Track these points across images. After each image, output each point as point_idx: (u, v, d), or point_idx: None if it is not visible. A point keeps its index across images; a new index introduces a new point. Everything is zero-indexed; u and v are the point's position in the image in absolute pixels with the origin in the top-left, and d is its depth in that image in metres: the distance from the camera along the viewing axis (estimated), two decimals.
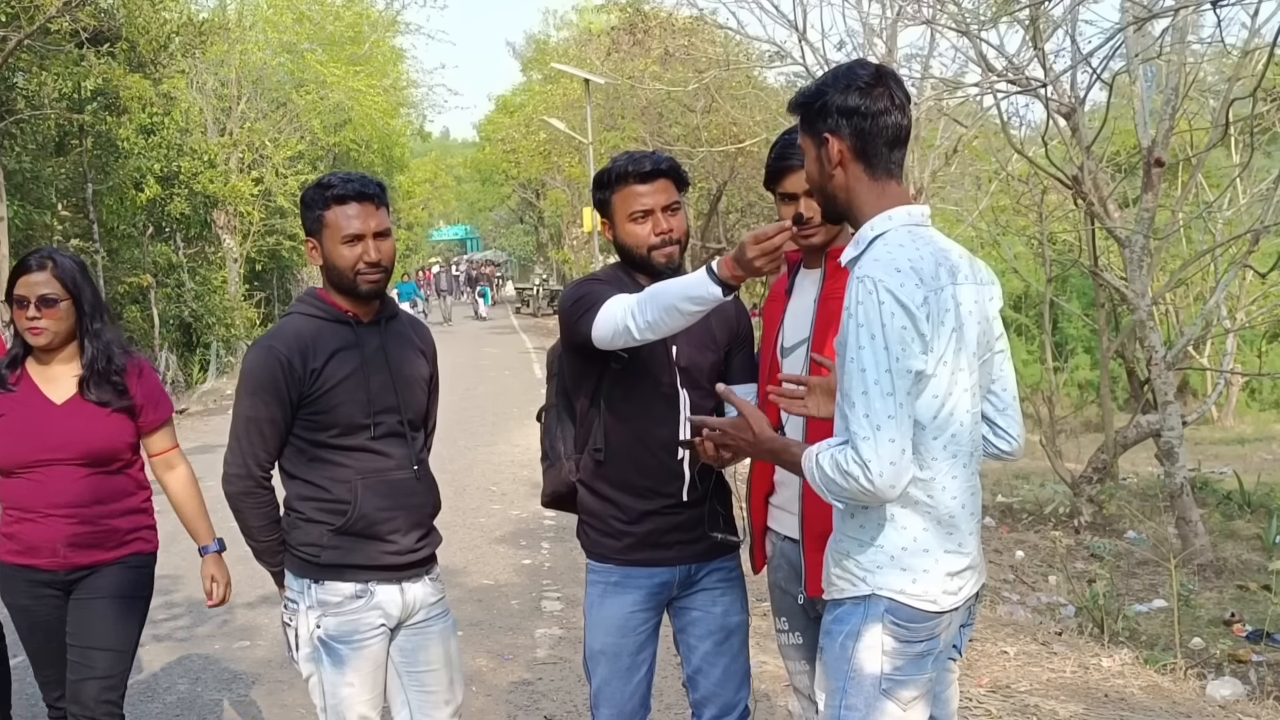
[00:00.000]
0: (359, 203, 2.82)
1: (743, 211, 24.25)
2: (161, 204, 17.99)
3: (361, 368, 2.87)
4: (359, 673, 2.86)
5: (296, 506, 2.89)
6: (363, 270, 2.82)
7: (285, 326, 2.89)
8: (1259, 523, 9.63)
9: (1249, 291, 15.71)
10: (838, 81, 2.24)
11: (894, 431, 2.06)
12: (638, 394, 2.89)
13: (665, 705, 4.51)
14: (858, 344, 2.10)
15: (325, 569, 2.85)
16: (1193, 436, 14.49)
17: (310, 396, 2.82)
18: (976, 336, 2.25)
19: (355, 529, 2.84)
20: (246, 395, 2.84)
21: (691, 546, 2.93)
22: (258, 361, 2.83)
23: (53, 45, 13.24)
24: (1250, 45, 9.63)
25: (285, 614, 2.95)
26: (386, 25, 30.73)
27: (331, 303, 2.90)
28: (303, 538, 2.87)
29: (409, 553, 2.92)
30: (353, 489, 2.85)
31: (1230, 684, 5.08)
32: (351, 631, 2.85)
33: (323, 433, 2.85)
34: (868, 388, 2.07)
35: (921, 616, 2.21)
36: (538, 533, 7.79)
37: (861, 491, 2.08)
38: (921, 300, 2.10)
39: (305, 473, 2.88)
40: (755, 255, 2.42)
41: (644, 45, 19.87)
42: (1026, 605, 6.89)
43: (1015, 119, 18.14)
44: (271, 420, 2.82)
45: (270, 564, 2.96)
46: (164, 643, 5.75)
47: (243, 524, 2.91)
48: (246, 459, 2.85)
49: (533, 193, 42.26)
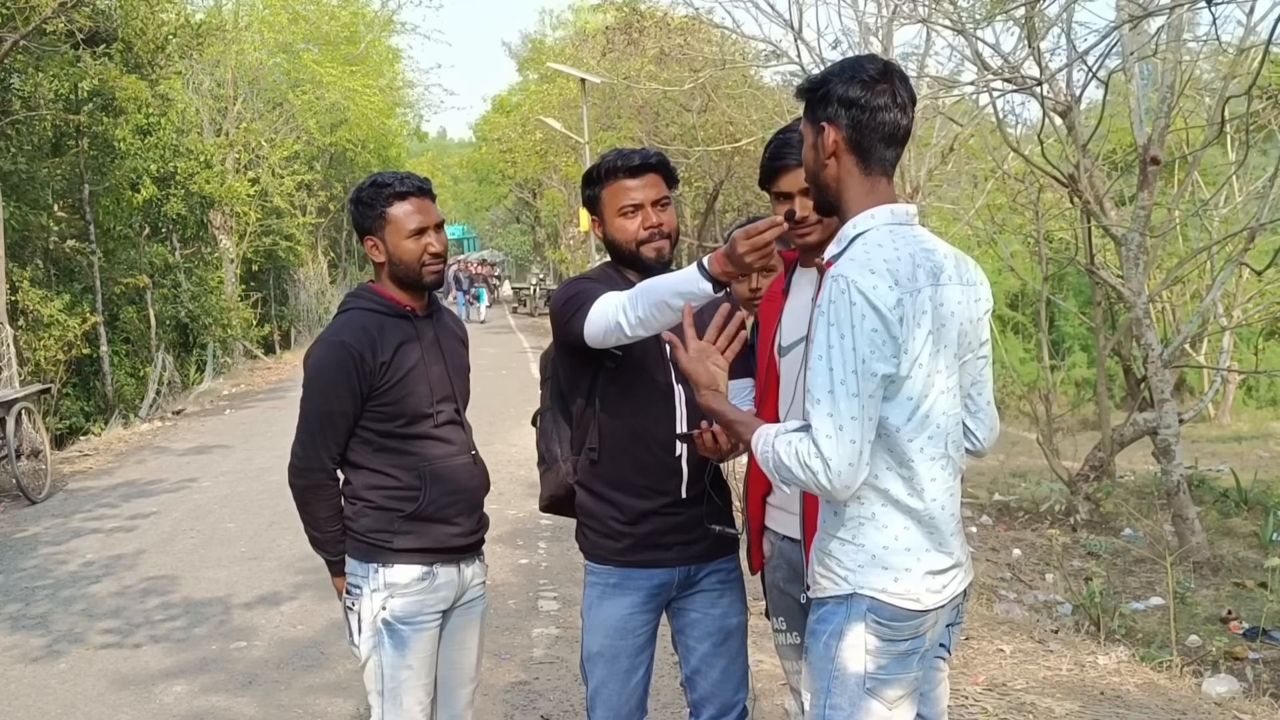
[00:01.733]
0: (419, 198, 2.96)
1: (739, 210, 24.26)
2: (158, 205, 17.96)
3: (422, 359, 2.99)
4: (418, 655, 2.96)
5: (364, 495, 2.97)
6: (428, 262, 2.95)
7: (351, 321, 2.96)
8: (1255, 520, 9.65)
9: (1245, 289, 15.74)
10: (843, 72, 2.25)
11: (856, 433, 2.08)
12: (633, 392, 2.89)
13: (662, 704, 4.51)
14: (827, 342, 2.11)
15: (395, 553, 2.94)
16: (1189, 434, 14.50)
17: (380, 389, 2.91)
18: (958, 337, 2.24)
19: (425, 514, 2.95)
20: (319, 390, 2.92)
21: (691, 548, 2.93)
22: (329, 356, 2.92)
23: (49, 46, 13.21)
24: (1246, 43, 9.63)
25: (348, 599, 3.01)
26: (382, 25, 30.71)
27: (389, 297, 3.01)
28: (371, 524, 2.95)
29: (471, 534, 3.07)
30: (421, 475, 2.95)
31: (1226, 681, 5.09)
32: (416, 613, 2.94)
33: (390, 423, 2.94)
34: (834, 386, 2.08)
35: (904, 615, 2.21)
36: (535, 533, 7.79)
37: (815, 486, 2.11)
38: (895, 302, 2.10)
39: (373, 462, 2.96)
40: (746, 250, 2.41)
41: (639, 45, 19.86)
42: (1023, 603, 6.90)
43: (1011, 117, 18.18)
44: (344, 414, 2.92)
45: (330, 554, 3.03)
46: (161, 643, 5.75)
47: (309, 516, 2.99)
48: (320, 452, 2.93)
49: (529, 192, 42.23)
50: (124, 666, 5.44)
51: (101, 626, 6.07)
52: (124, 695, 5.06)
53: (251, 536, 7.78)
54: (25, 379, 13.18)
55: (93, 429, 14.96)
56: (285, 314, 28.27)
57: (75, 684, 5.23)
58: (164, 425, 14.93)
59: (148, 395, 16.60)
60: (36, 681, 5.29)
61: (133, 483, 10.23)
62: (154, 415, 15.85)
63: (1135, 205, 8.88)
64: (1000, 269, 16.80)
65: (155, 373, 16.89)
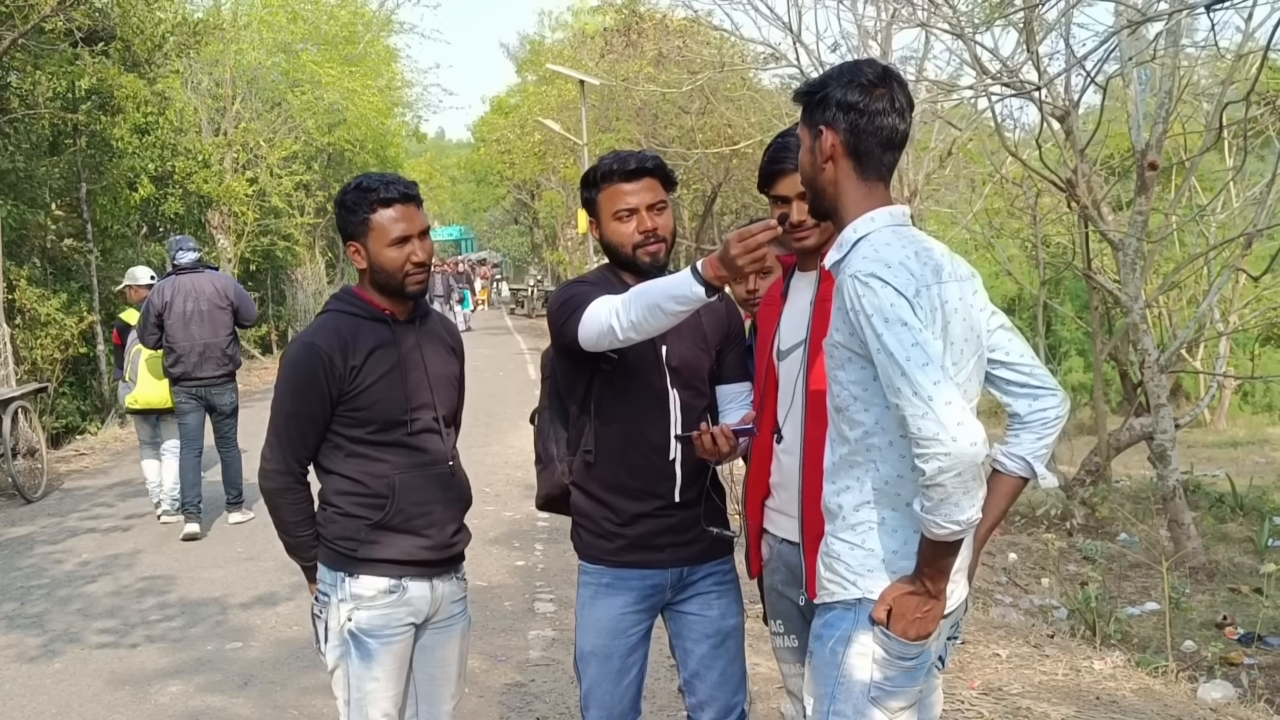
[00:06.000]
0: (404, 204, 2.88)
1: (737, 213, 24.26)
2: (156, 204, 17.93)
3: (399, 365, 2.91)
4: (385, 668, 2.90)
5: (334, 501, 2.92)
6: (410, 271, 2.88)
7: (325, 324, 2.92)
8: (1251, 526, 9.67)
9: (1242, 295, 15.75)
10: (842, 76, 2.25)
11: (947, 394, 2.02)
12: (628, 395, 2.90)
13: (658, 707, 4.51)
14: (875, 333, 2.08)
15: (361, 563, 2.88)
16: (1185, 439, 14.51)
17: (350, 393, 2.85)
18: (963, 333, 2.24)
19: (393, 523, 2.88)
20: (288, 392, 2.88)
21: (684, 549, 2.94)
22: (299, 358, 2.87)
23: (47, 44, 13.18)
24: (1244, 49, 9.64)
25: (316, 606, 2.97)
26: (381, 25, 30.65)
27: (369, 300, 2.95)
28: (339, 531, 2.89)
29: (444, 548, 2.98)
30: (391, 483, 2.89)
31: (1221, 687, 5.10)
32: (383, 626, 2.88)
33: (361, 429, 2.88)
34: (903, 368, 2.04)
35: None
36: (531, 534, 7.79)
37: (954, 467, 2.00)
38: (915, 293, 2.11)
39: (343, 468, 2.91)
40: (738, 254, 2.40)
41: (638, 47, 19.86)
42: (1019, 608, 6.91)
43: (1009, 122, 18.15)
44: (312, 417, 2.86)
45: (303, 559, 2.99)
46: (157, 643, 5.74)
47: (278, 519, 2.95)
48: (286, 455, 2.88)
49: (527, 194, 42.16)
50: (120, 666, 5.43)
51: (97, 626, 6.07)
52: (120, 695, 5.06)
53: (248, 537, 7.76)
54: (22, 378, 13.16)
55: (89, 428, 14.92)
56: (283, 314, 28.19)
57: (71, 684, 5.23)
58: None
59: None
60: (32, 681, 5.28)
61: (129, 482, 10.21)
62: None
63: (1132, 210, 8.89)
64: (998, 273, 16.82)
65: None
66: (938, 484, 2.02)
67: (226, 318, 7.91)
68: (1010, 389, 2.39)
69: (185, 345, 7.74)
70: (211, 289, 7.89)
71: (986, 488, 2.17)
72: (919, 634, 2.17)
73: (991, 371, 2.38)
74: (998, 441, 2.45)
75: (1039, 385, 2.38)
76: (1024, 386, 2.38)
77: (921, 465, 2.03)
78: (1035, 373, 2.39)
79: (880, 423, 2.19)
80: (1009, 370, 2.38)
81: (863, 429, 2.22)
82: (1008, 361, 2.38)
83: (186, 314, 7.73)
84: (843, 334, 2.20)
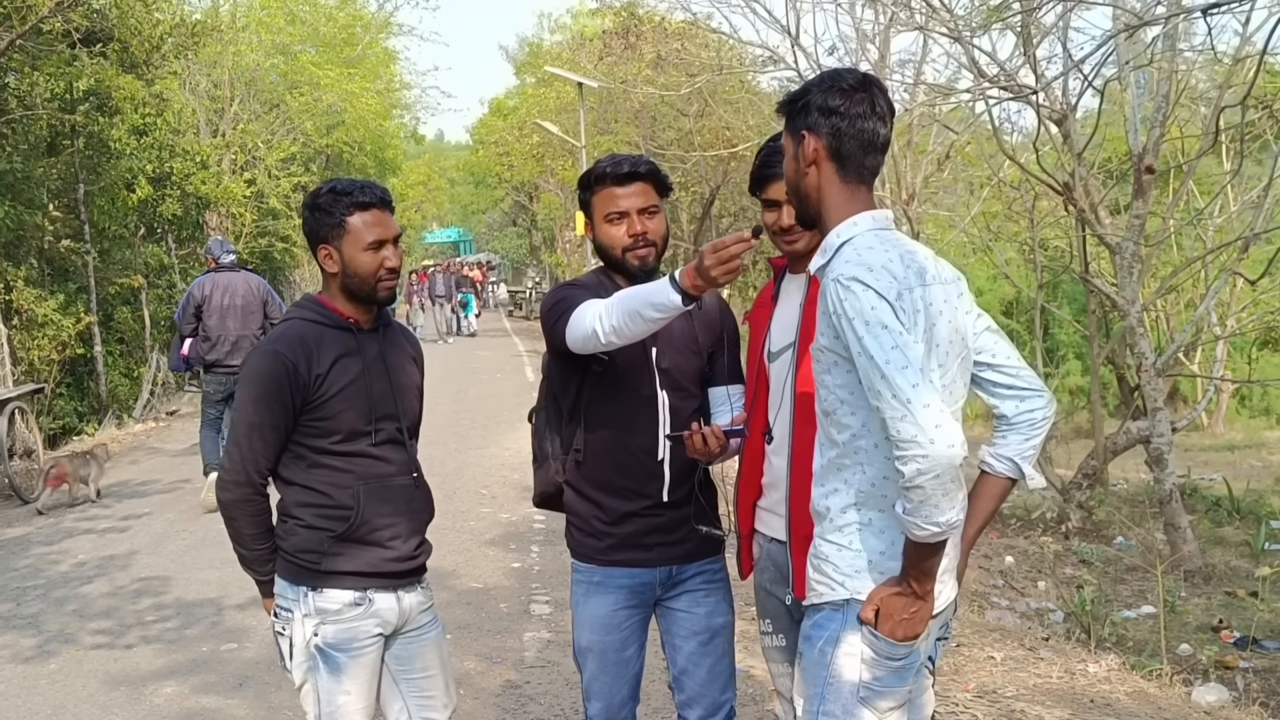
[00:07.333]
0: (379, 209, 2.85)
1: (735, 216, 24.24)
2: (153, 205, 17.91)
3: (363, 374, 2.86)
4: (356, 681, 2.85)
5: (294, 513, 2.86)
6: (383, 276, 2.86)
7: (289, 331, 2.86)
8: (1247, 529, 9.68)
9: (1239, 298, 15.75)
10: (822, 83, 2.28)
11: (925, 397, 2.03)
12: (618, 397, 2.92)
13: (653, 709, 4.51)
14: (856, 336, 2.09)
15: (325, 576, 2.82)
16: (1182, 443, 14.53)
17: (314, 402, 2.80)
18: (949, 335, 2.25)
19: (357, 535, 2.83)
20: (251, 401, 2.81)
21: (673, 548, 2.96)
22: (262, 366, 2.80)
23: (45, 45, 13.18)
24: (1241, 53, 9.65)
25: (277, 623, 2.90)
26: (379, 27, 30.67)
27: (333, 308, 2.90)
28: (301, 544, 2.83)
29: (408, 559, 2.93)
30: (355, 495, 2.84)
31: (1216, 690, 5.11)
32: (350, 639, 2.83)
33: (324, 439, 2.83)
34: (883, 371, 2.06)
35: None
36: (527, 536, 7.79)
37: (931, 469, 2.01)
38: (896, 296, 2.12)
39: (304, 479, 2.85)
40: (712, 264, 2.43)
41: (637, 49, 19.88)
42: (1015, 610, 6.91)
43: (1007, 125, 18.21)
44: (274, 426, 2.80)
45: (259, 573, 2.93)
46: (153, 644, 5.74)
47: (234, 531, 2.88)
48: (247, 465, 2.81)
49: (526, 196, 42.18)
50: (115, 667, 5.43)
51: (93, 627, 6.06)
52: (115, 696, 5.05)
53: None
54: (19, 378, 13.15)
55: (86, 429, 14.92)
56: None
57: (66, 684, 5.22)
58: (157, 426, 14.91)
59: (141, 396, 16.54)
60: (27, 682, 5.28)
61: (126, 483, 10.21)
62: (147, 416, 15.80)
63: (1130, 214, 8.90)
64: (995, 276, 16.84)
65: (149, 373, 16.82)
66: (917, 486, 2.03)
67: (258, 313, 8.66)
68: (997, 391, 2.41)
69: (219, 335, 8.54)
70: (246, 287, 8.70)
71: (975, 489, 2.18)
72: (907, 634, 2.18)
73: (978, 374, 2.39)
74: (985, 443, 2.46)
75: (1025, 387, 2.40)
76: (1011, 388, 2.40)
77: (901, 467, 2.04)
78: (1021, 374, 2.41)
79: (867, 426, 2.20)
80: (995, 372, 2.40)
81: (850, 432, 2.23)
82: (994, 364, 2.40)
83: (223, 308, 8.54)
84: (828, 338, 2.21)
